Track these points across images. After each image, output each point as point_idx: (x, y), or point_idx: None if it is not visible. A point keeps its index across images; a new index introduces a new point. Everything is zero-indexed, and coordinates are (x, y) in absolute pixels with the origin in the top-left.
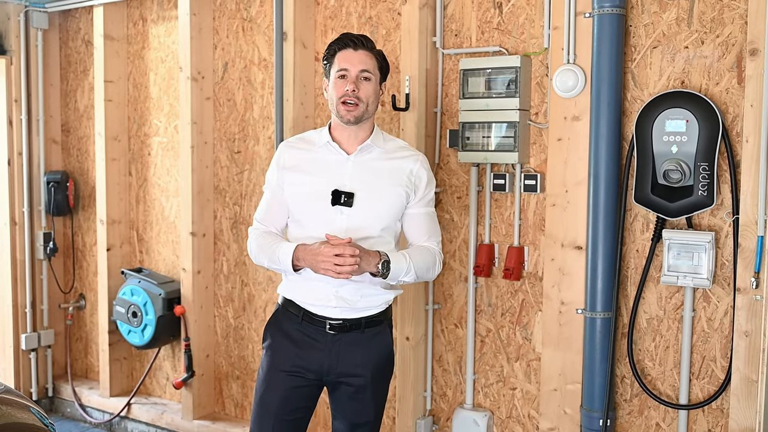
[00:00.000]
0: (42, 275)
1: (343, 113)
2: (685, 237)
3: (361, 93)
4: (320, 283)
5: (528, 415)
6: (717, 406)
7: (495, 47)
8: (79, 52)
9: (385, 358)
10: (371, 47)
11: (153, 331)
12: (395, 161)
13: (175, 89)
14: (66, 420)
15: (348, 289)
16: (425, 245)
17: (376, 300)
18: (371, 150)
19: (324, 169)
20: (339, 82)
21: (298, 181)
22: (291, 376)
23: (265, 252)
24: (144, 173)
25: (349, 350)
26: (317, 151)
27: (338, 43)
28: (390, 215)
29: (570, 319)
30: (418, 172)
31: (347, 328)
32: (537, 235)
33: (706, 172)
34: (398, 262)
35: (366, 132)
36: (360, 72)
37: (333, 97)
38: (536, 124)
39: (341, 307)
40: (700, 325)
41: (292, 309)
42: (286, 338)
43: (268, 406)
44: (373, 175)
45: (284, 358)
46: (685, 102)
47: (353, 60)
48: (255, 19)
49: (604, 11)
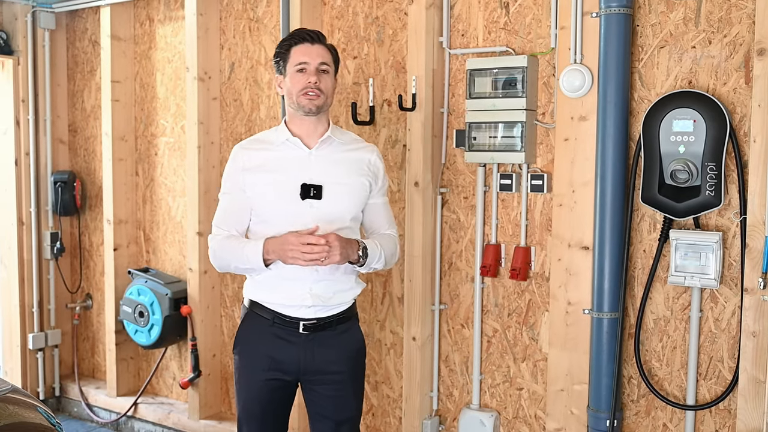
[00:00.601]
0: (49, 275)
1: (305, 103)
2: (692, 237)
3: (321, 84)
4: (294, 282)
5: (535, 415)
6: (724, 407)
7: (502, 47)
8: (86, 52)
9: (359, 352)
10: (325, 42)
11: (160, 331)
12: (354, 152)
13: (182, 89)
14: (73, 419)
15: (322, 286)
16: (388, 233)
17: (347, 296)
18: (331, 142)
19: (288, 166)
20: (298, 75)
21: (263, 180)
22: (270, 381)
23: (232, 254)
24: (151, 173)
25: (324, 348)
26: (277, 149)
27: (293, 39)
28: (357, 205)
29: (577, 319)
30: (375, 163)
31: (320, 327)
32: (544, 235)
33: (714, 172)
34: (372, 249)
35: (324, 125)
36: (319, 64)
37: (292, 90)
38: (543, 124)
39: (316, 306)
40: (708, 325)
41: (262, 312)
42: (260, 343)
43: (253, 412)
44: (336, 167)
45: (260, 364)
46: (692, 102)
47: (312, 53)
48: (261, 19)
49: (611, 11)
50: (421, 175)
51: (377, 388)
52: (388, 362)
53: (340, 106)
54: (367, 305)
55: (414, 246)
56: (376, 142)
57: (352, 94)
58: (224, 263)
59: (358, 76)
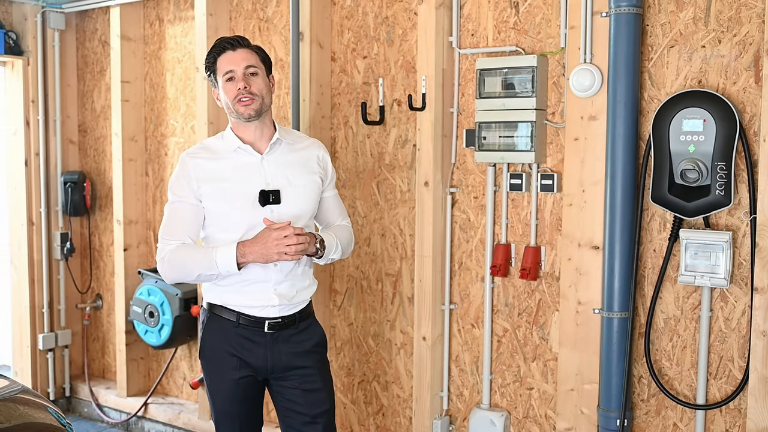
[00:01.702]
0: (59, 275)
1: (242, 110)
2: (702, 237)
3: (253, 88)
4: (258, 284)
5: (545, 415)
6: (734, 406)
7: (511, 47)
8: (95, 52)
9: (323, 345)
10: (248, 44)
11: (170, 331)
12: (302, 151)
13: (192, 89)
14: (83, 420)
15: (285, 286)
16: (342, 224)
17: (306, 294)
18: (280, 144)
19: (242, 174)
20: (228, 84)
21: (219, 189)
22: (241, 379)
23: (194, 262)
24: (161, 173)
25: (288, 344)
26: (228, 157)
27: (216, 49)
28: (314, 203)
29: (587, 318)
30: (323, 157)
31: (284, 325)
32: (554, 234)
33: (724, 171)
34: (329, 241)
35: (270, 128)
36: (245, 69)
37: (227, 100)
38: (553, 123)
39: (281, 305)
40: (718, 324)
41: (225, 314)
42: (226, 345)
43: (229, 412)
44: (288, 168)
45: (228, 367)
46: (702, 101)
47: (236, 59)
48: (271, 19)
49: (621, 10)
50: (431, 174)
51: (387, 387)
52: (398, 362)
53: (350, 106)
54: (377, 305)
55: (424, 246)
56: (386, 142)
57: (362, 94)
58: (181, 273)
59: (368, 75)
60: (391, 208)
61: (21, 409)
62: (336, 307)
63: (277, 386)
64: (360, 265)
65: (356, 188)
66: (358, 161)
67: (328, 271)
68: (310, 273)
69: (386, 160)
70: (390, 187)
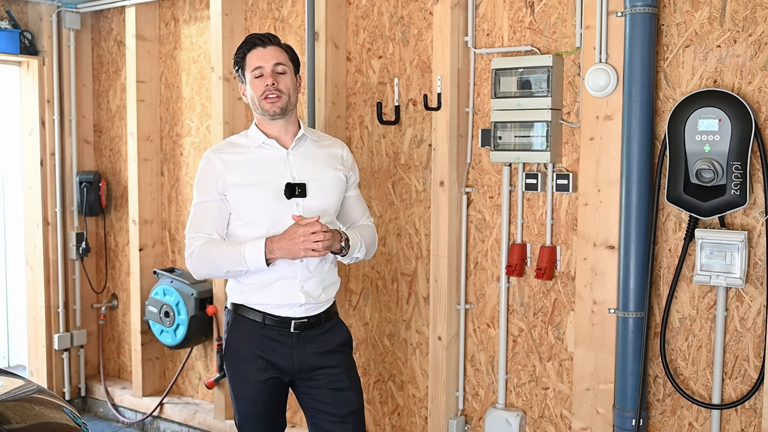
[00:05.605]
0: (74, 275)
1: (268, 107)
2: (717, 236)
3: (281, 85)
4: (285, 281)
5: (560, 414)
6: (750, 406)
7: (527, 47)
8: (111, 52)
9: (348, 345)
10: (279, 42)
11: (185, 331)
12: (327, 148)
13: (207, 89)
14: (99, 420)
15: (312, 283)
16: (366, 224)
17: (331, 291)
18: (305, 140)
19: (268, 168)
20: (256, 81)
21: (245, 183)
22: (268, 381)
23: (223, 256)
24: (176, 173)
25: (315, 344)
26: (254, 152)
27: (246, 45)
28: (338, 198)
29: (602, 318)
30: (347, 157)
31: (310, 325)
32: (569, 234)
33: (739, 171)
34: (353, 239)
35: (295, 125)
36: (275, 66)
37: (254, 96)
38: (568, 123)
39: (308, 304)
40: (733, 324)
41: (251, 315)
42: (251, 347)
43: (254, 417)
44: (314, 164)
45: (254, 369)
46: (717, 101)
47: (265, 56)
48: (287, 19)
49: (636, 10)
50: (446, 174)
51: (403, 387)
52: (413, 362)
53: (366, 106)
54: (392, 305)
55: (439, 245)
56: (401, 142)
57: (378, 94)
58: (210, 268)
59: (384, 75)
60: (406, 207)
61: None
62: (351, 306)
63: (304, 387)
64: (375, 265)
65: (372, 188)
66: (374, 161)
67: (343, 271)
68: (335, 271)
69: (402, 159)
70: (405, 186)
